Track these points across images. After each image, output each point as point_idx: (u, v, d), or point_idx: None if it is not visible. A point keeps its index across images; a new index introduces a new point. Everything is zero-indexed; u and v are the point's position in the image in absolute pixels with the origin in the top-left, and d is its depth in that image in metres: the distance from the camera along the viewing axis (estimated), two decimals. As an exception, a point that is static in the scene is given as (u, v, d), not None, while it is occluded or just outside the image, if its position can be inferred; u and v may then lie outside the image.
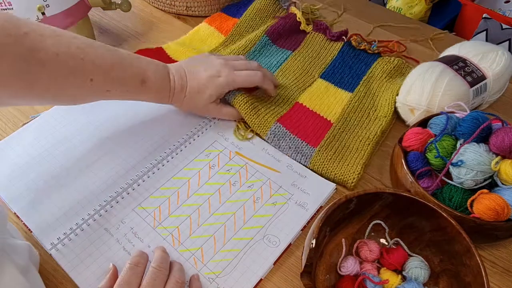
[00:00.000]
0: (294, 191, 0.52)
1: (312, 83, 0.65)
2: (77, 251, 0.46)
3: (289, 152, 0.56)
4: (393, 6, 1.16)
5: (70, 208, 0.49)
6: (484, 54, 0.57)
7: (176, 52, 0.69)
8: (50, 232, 0.47)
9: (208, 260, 0.46)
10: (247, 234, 0.48)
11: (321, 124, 0.59)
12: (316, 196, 0.51)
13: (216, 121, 0.60)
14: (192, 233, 0.48)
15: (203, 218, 0.49)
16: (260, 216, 0.49)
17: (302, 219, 0.49)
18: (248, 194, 0.51)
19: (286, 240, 0.47)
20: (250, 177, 0.53)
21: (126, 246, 0.47)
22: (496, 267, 0.47)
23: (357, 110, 0.61)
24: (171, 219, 0.49)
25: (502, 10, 1.20)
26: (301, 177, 0.53)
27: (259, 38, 0.71)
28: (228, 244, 0.47)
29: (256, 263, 0.46)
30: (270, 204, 0.50)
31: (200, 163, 0.55)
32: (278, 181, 0.53)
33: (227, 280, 0.44)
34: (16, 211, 0.49)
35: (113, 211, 0.49)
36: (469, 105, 0.56)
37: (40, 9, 0.58)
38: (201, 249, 0.47)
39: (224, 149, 0.56)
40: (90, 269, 0.45)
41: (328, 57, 0.69)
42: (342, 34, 0.71)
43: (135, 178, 0.52)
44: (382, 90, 0.64)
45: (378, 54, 0.69)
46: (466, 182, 0.44)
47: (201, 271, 0.45)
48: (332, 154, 0.55)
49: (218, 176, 0.53)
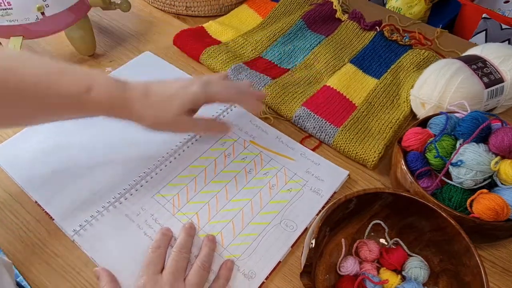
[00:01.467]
0: (308, 178, 0.53)
1: (342, 67, 0.68)
2: (99, 236, 0.47)
3: (314, 132, 0.58)
4: (393, 6, 1.16)
5: (90, 196, 0.50)
6: (506, 57, 0.57)
7: (217, 31, 0.74)
8: (71, 219, 0.48)
9: (228, 244, 0.47)
10: (264, 219, 0.49)
11: (346, 105, 0.62)
12: (330, 183, 0.53)
13: (230, 111, 0.61)
14: (211, 219, 0.49)
15: (221, 204, 0.50)
16: (276, 202, 0.51)
17: (317, 204, 0.51)
18: (264, 181, 0.53)
19: (302, 225, 0.49)
20: (265, 165, 0.55)
21: (147, 232, 0.48)
22: (496, 267, 0.47)
23: (381, 96, 0.63)
24: (190, 205, 0.50)
25: (502, 10, 1.20)
26: (314, 164, 0.55)
27: (295, 22, 0.74)
28: (246, 228, 0.48)
29: (275, 246, 0.47)
30: (286, 190, 0.52)
31: (216, 152, 0.56)
32: (292, 169, 0.54)
33: (247, 263, 0.46)
34: (36, 199, 0.50)
35: (133, 198, 0.51)
36: (482, 106, 0.56)
37: (39, 9, 0.58)
38: (220, 234, 0.48)
39: (239, 138, 0.58)
40: (113, 254, 0.46)
41: (359, 45, 0.72)
42: (376, 24, 0.74)
43: (153, 167, 0.53)
44: (408, 80, 0.65)
45: (410, 46, 0.71)
46: (465, 182, 0.44)
47: (222, 254, 0.46)
48: (354, 134, 0.57)
49: (234, 165, 0.55)
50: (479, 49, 0.60)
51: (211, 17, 0.79)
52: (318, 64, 0.68)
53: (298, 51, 0.70)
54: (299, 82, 0.65)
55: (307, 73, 0.67)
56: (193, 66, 0.70)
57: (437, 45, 0.73)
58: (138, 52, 0.71)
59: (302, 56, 0.70)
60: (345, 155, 0.57)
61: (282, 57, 0.69)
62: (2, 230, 0.49)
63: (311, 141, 0.59)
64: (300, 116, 0.59)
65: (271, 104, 0.62)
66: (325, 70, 0.67)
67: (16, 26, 0.59)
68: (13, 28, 0.59)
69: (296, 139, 0.59)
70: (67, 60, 0.70)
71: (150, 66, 0.68)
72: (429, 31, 0.76)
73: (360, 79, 0.66)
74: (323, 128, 0.58)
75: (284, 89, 0.63)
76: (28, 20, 0.58)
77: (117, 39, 0.74)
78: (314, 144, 0.59)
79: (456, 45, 0.72)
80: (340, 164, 0.56)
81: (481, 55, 0.59)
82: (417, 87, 0.59)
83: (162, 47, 0.73)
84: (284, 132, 0.60)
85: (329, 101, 0.62)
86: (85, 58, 0.70)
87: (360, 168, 0.56)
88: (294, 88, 0.64)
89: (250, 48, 0.70)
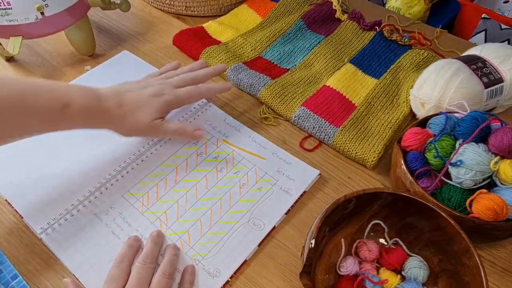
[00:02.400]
0: (279, 177, 0.53)
1: (341, 67, 0.67)
2: (66, 235, 0.47)
3: (313, 132, 0.58)
4: (393, 6, 1.16)
5: (60, 195, 0.50)
6: (506, 57, 0.57)
7: (217, 31, 0.74)
8: (40, 218, 0.48)
9: (195, 242, 0.47)
10: (233, 217, 0.49)
11: (345, 105, 0.62)
12: (300, 182, 0.53)
13: (205, 110, 0.61)
14: (179, 217, 0.49)
15: (190, 203, 0.51)
16: (246, 200, 0.51)
17: (286, 203, 0.51)
18: (234, 180, 0.53)
19: (270, 224, 0.49)
20: (236, 164, 0.55)
21: (115, 230, 0.48)
22: (495, 267, 0.47)
23: (381, 96, 0.63)
24: (159, 204, 0.51)
25: (501, 10, 1.20)
26: (286, 163, 0.55)
27: (294, 22, 0.74)
28: (214, 227, 0.49)
29: (241, 245, 0.47)
30: (256, 189, 0.52)
31: (188, 150, 0.56)
32: (263, 168, 0.54)
33: (212, 262, 0.46)
34: (7, 198, 0.50)
35: (102, 197, 0.51)
36: (482, 106, 0.56)
37: (39, 9, 0.58)
38: (187, 232, 0.48)
39: (212, 137, 0.58)
40: (80, 252, 0.46)
41: (359, 45, 0.72)
42: (376, 24, 0.74)
43: (124, 166, 0.53)
44: (408, 80, 0.65)
45: (409, 46, 0.71)
46: (465, 182, 0.44)
47: (188, 253, 0.46)
48: (354, 134, 0.57)
49: (205, 163, 0.55)
50: (478, 49, 0.60)
51: (210, 17, 0.79)
52: (317, 64, 0.68)
53: (298, 51, 0.70)
54: (299, 82, 0.65)
55: (306, 73, 0.67)
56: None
57: (436, 45, 0.73)
58: (138, 52, 0.71)
59: (301, 56, 0.70)
60: (345, 155, 0.57)
61: (282, 57, 0.69)
62: (2, 230, 0.49)
63: (310, 141, 0.59)
64: (299, 116, 0.59)
65: (270, 104, 0.62)
66: (324, 70, 0.67)
67: (15, 26, 0.59)
68: (12, 28, 0.59)
69: (296, 139, 0.59)
70: (67, 60, 0.70)
71: (127, 64, 0.69)
72: (429, 31, 0.76)
73: (359, 79, 0.66)
74: (323, 128, 0.58)
75: (284, 89, 0.63)
76: (28, 20, 0.58)
77: (116, 39, 0.74)
78: (314, 144, 0.59)
79: (456, 45, 0.72)
80: (340, 164, 0.56)
81: (480, 55, 0.59)
82: (417, 87, 0.59)
83: (161, 47, 0.73)
84: (284, 132, 0.60)
85: (328, 101, 0.62)
86: (84, 58, 0.70)
87: (359, 168, 0.56)
88: (294, 88, 0.64)
89: (249, 48, 0.70)
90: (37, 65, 0.69)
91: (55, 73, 0.68)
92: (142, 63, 0.69)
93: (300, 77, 0.66)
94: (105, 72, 0.67)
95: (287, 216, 0.50)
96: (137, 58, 0.70)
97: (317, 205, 0.52)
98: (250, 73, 0.65)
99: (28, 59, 0.70)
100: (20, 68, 0.69)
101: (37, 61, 0.70)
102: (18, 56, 0.70)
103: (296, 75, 0.66)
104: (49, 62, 0.70)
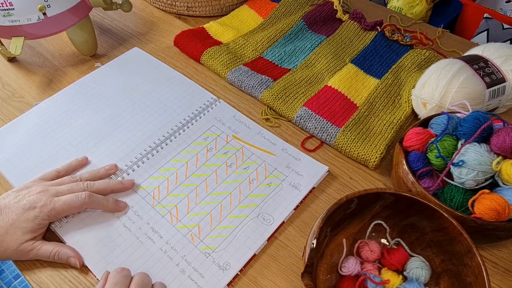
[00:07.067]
0: (288, 172, 0.54)
1: (343, 67, 0.68)
2: (79, 226, 0.48)
3: (315, 132, 0.58)
4: (394, 6, 1.16)
5: None
6: (508, 57, 0.57)
7: (218, 31, 0.74)
8: None
9: (205, 236, 0.48)
10: (242, 212, 0.50)
11: (347, 106, 0.62)
12: (309, 178, 0.53)
13: (214, 107, 0.62)
14: (189, 211, 0.50)
15: (200, 197, 0.51)
16: (255, 196, 0.52)
17: (296, 199, 0.51)
18: (244, 175, 0.53)
19: (279, 218, 0.49)
20: (246, 160, 0.55)
21: (126, 223, 0.49)
22: (497, 267, 0.47)
23: (383, 96, 0.63)
24: (170, 198, 0.51)
25: (503, 10, 1.20)
26: (295, 159, 0.55)
27: (295, 23, 0.74)
28: (224, 221, 0.49)
29: (251, 239, 0.48)
30: (265, 185, 0.53)
31: (198, 146, 0.57)
32: (273, 163, 0.55)
33: (222, 255, 0.46)
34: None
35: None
36: (484, 106, 0.56)
37: (41, 9, 0.58)
38: (198, 226, 0.49)
39: (222, 133, 0.58)
40: (90, 243, 0.47)
41: (360, 45, 0.72)
42: (377, 24, 0.74)
43: (134, 160, 0.54)
44: (409, 80, 0.65)
45: (411, 46, 0.71)
46: (467, 182, 0.44)
47: (198, 246, 0.47)
48: (356, 135, 0.57)
49: (215, 159, 0.55)
50: (480, 49, 0.60)
51: (212, 17, 0.79)
52: (319, 64, 0.68)
53: (299, 52, 0.70)
54: (300, 82, 0.65)
55: (308, 73, 0.67)
56: (194, 66, 0.70)
57: (438, 45, 0.73)
58: (140, 52, 0.71)
59: (303, 56, 0.70)
60: (347, 155, 0.57)
61: (283, 58, 0.69)
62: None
63: (312, 142, 0.59)
64: (301, 117, 0.59)
65: (272, 105, 0.62)
66: (326, 70, 0.67)
67: (17, 27, 0.59)
68: (14, 28, 0.59)
69: (297, 139, 0.59)
70: (69, 60, 0.70)
71: (139, 62, 0.69)
72: (431, 31, 0.76)
73: (361, 79, 0.66)
74: (325, 128, 0.58)
75: (285, 89, 0.63)
76: (30, 20, 0.59)
77: (118, 39, 0.74)
78: (316, 145, 0.59)
79: (458, 45, 0.72)
80: (341, 165, 0.56)
81: (482, 55, 0.59)
82: (419, 87, 0.58)
83: (163, 47, 0.73)
84: (286, 133, 0.60)
85: (330, 101, 0.62)
86: (86, 58, 0.71)
87: (361, 168, 0.56)
88: (295, 88, 0.64)
89: (250, 49, 0.70)
90: (39, 66, 0.69)
91: (56, 73, 0.68)
92: (152, 60, 0.69)
93: (302, 77, 0.66)
94: (116, 69, 0.68)
95: (295, 211, 0.51)
96: (147, 55, 0.70)
97: (319, 205, 0.52)
98: (251, 75, 0.65)
99: (30, 60, 0.70)
100: (22, 68, 0.69)
101: (39, 62, 0.70)
102: (20, 57, 0.70)
103: (298, 75, 0.66)
104: (51, 62, 0.70)
